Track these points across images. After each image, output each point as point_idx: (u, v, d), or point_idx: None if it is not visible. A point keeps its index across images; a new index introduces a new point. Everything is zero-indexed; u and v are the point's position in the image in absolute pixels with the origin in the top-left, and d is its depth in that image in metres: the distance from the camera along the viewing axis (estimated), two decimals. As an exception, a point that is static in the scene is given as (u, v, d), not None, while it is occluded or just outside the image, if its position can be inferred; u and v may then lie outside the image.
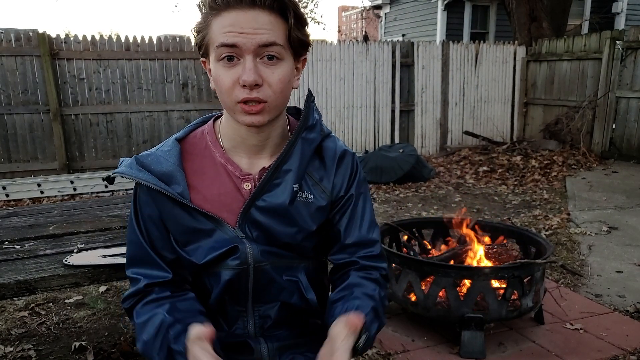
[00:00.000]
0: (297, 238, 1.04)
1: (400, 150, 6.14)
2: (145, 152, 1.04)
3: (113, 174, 1.01)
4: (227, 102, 0.94)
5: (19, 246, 1.54)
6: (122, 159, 1.04)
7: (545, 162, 6.63)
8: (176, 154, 1.02)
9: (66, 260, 1.37)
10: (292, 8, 0.91)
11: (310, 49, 1.00)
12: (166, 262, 1.03)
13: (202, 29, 0.93)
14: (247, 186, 1.01)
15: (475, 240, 2.60)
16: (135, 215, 1.04)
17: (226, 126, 1.03)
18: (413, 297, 2.31)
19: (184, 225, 1.00)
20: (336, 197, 1.07)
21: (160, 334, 0.94)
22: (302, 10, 0.93)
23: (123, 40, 6.04)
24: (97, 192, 5.51)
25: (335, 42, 7.14)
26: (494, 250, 2.61)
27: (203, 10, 0.93)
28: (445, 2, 11.38)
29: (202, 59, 0.99)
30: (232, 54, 0.90)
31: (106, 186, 5.56)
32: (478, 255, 2.53)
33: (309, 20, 1.00)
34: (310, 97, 1.05)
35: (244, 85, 0.89)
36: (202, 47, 0.95)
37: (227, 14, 0.89)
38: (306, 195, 1.03)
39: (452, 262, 2.48)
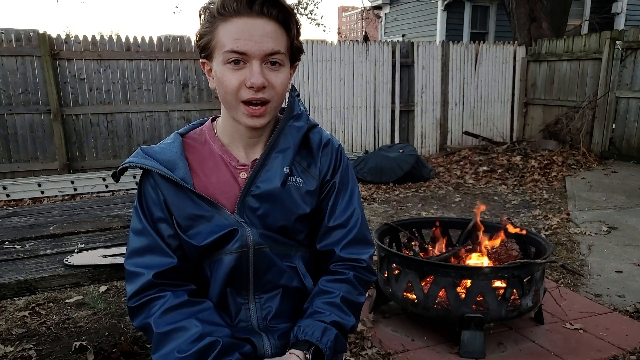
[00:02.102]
0: (290, 220, 1.09)
1: (400, 151, 6.14)
2: (149, 145, 1.11)
3: (120, 166, 1.06)
4: (231, 101, 1.00)
5: (20, 246, 1.54)
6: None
7: (545, 162, 6.63)
8: (178, 145, 1.09)
9: (66, 260, 1.38)
10: (294, 20, 0.98)
11: (305, 51, 1.07)
12: (171, 249, 1.06)
13: (208, 32, 0.98)
14: (243, 175, 1.08)
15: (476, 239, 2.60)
16: (139, 204, 1.08)
17: (224, 124, 1.10)
18: (413, 297, 2.32)
19: (186, 211, 1.05)
20: (323, 180, 1.12)
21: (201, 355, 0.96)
22: (301, 15, 1.00)
23: (123, 40, 6.04)
24: (98, 192, 5.51)
25: (335, 42, 7.14)
26: (494, 250, 2.61)
27: (207, 15, 0.98)
28: (445, 3, 11.38)
29: (202, 60, 1.05)
30: (239, 59, 0.96)
31: (106, 186, 5.57)
32: (478, 255, 2.54)
33: (309, 21, 1.05)
34: (293, 91, 1.13)
35: (251, 87, 0.96)
36: (207, 50, 1.00)
37: (237, 20, 0.95)
38: (296, 179, 1.09)
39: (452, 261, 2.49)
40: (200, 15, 1.01)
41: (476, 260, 2.52)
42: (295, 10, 0.99)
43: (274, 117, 1.07)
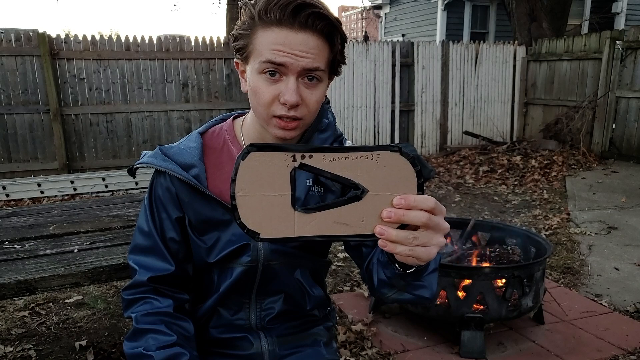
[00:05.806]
0: None
1: (400, 150, 6.14)
2: (169, 144, 1.07)
3: (137, 164, 1.04)
4: (262, 113, 0.94)
5: (19, 246, 1.54)
6: (143, 152, 1.07)
7: (545, 162, 6.63)
8: (199, 148, 1.05)
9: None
10: (340, 33, 0.92)
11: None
12: (171, 254, 1.05)
13: (246, 35, 0.92)
14: None
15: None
16: (149, 203, 1.05)
17: (251, 128, 1.04)
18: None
19: (202, 215, 1.03)
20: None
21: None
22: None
23: (123, 40, 6.04)
24: (97, 192, 5.51)
25: (335, 42, 7.14)
26: (495, 250, 2.61)
27: (247, 15, 0.91)
28: (445, 2, 11.38)
29: (236, 61, 0.99)
30: (275, 70, 0.90)
31: (106, 186, 5.57)
32: (479, 256, 2.53)
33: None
34: (325, 101, 1.07)
35: (284, 104, 0.90)
36: (242, 53, 0.94)
37: (278, 30, 0.87)
38: (317, 188, 1.04)
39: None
40: (240, 9, 0.94)
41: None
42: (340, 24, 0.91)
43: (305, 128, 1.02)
